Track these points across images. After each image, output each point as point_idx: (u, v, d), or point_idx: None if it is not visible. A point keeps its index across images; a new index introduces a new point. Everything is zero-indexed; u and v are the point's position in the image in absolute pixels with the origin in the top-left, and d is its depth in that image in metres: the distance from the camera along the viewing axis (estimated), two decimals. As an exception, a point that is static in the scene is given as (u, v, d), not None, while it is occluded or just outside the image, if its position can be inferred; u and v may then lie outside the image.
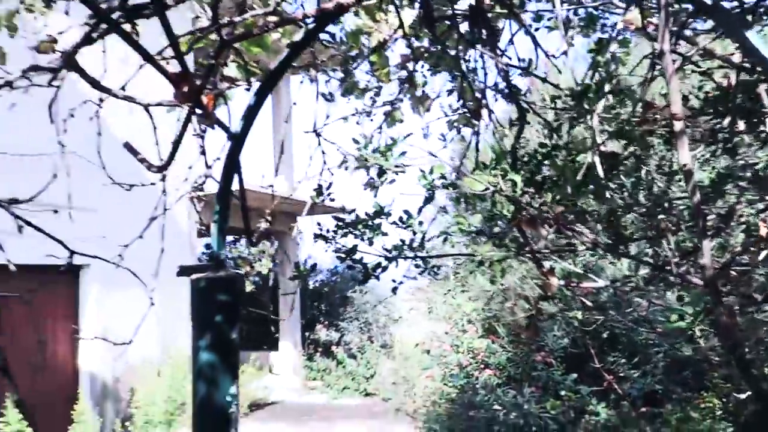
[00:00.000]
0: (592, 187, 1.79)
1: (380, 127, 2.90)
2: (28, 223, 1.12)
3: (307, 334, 12.17)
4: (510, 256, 1.57)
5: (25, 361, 6.91)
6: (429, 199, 1.64)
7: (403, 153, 1.70)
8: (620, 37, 2.55)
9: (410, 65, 2.71)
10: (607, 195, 1.59)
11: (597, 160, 1.51)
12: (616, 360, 5.34)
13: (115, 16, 1.39)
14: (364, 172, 2.78)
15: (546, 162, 1.78)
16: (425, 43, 2.64)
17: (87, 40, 1.29)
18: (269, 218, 2.69)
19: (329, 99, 2.51)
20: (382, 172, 1.66)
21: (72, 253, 1.67)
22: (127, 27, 1.38)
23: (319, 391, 11.06)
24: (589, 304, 2.01)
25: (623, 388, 5.09)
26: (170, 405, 6.18)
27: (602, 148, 1.74)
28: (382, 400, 9.81)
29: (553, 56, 1.85)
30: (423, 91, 2.74)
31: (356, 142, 1.77)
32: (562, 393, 5.62)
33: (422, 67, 2.80)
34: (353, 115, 2.78)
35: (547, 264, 2.14)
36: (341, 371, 11.12)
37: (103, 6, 1.35)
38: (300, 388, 11.19)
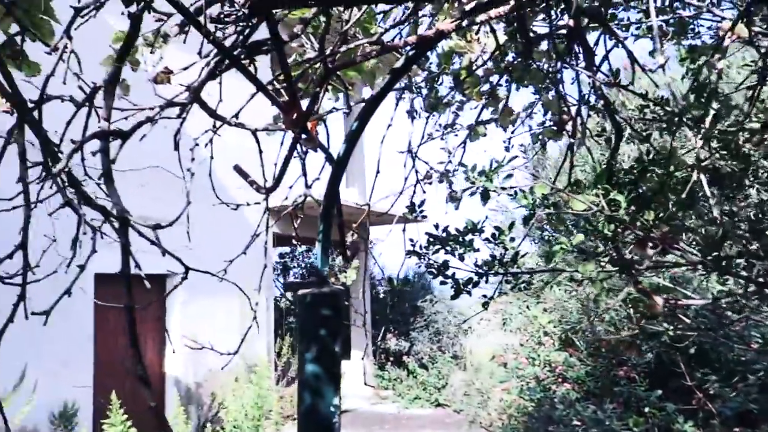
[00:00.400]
0: (691, 203, 1.75)
1: (464, 142, 2.93)
2: (166, 250, 1.23)
3: (377, 343, 12.27)
4: (613, 274, 1.55)
5: (119, 364, 7.36)
6: (529, 219, 1.66)
7: (510, 176, 1.72)
8: (713, 42, 2.47)
9: (494, 79, 2.73)
10: (715, 214, 1.55)
11: (703, 178, 1.48)
12: (705, 377, 5.10)
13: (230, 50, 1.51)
14: (446, 186, 2.82)
15: (641, 179, 1.76)
16: (508, 57, 2.66)
17: (211, 75, 1.40)
18: (356, 231, 2.78)
19: (416, 116, 2.57)
20: (486, 193, 1.69)
21: (187, 269, 1.80)
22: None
23: (391, 400, 11.12)
24: (688, 321, 1.95)
25: (714, 406, 4.85)
26: (256, 411, 6.42)
27: (704, 164, 1.71)
28: (453, 411, 9.75)
29: (650, 70, 1.83)
30: (507, 104, 2.76)
31: (463, 165, 1.82)
32: (646, 410, 5.42)
33: (506, 81, 2.82)
34: (438, 131, 2.83)
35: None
36: (412, 381, 11.14)
37: (224, 42, 1.46)
38: (371, 396, 11.30)
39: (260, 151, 1.94)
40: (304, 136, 1.73)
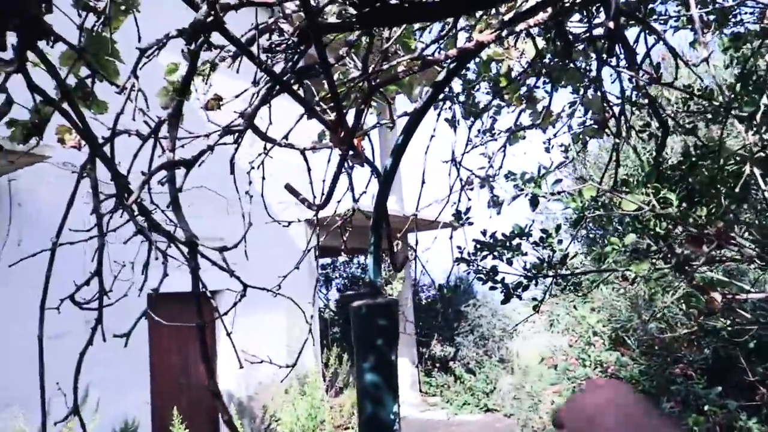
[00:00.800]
0: (745, 196, 1.73)
1: (504, 146, 2.95)
2: (232, 271, 1.30)
3: (422, 349, 12.26)
4: (667, 272, 1.54)
5: (174, 381, 7.56)
6: (579, 221, 1.67)
7: (559, 180, 1.73)
8: (759, 29, 2.43)
9: (531, 81, 2.74)
10: (771, 205, 1.53)
11: (757, 171, 1.47)
12: (767, 371, 4.93)
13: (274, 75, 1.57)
14: (487, 191, 2.84)
15: (691, 174, 1.75)
16: (545, 59, 2.66)
17: (264, 101, 1.46)
18: (401, 240, 2.82)
19: (457, 125, 2.60)
20: (535, 199, 1.70)
21: (245, 286, 1.87)
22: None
23: (440, 406, 11.08)
24: (747, 315, 1.92)
25: (778, 401, 4.69)
26: (310, 422, 6.51)
27: (756, 155, 1.69)
28: (503, 416, 9.66)
29: (694, 64, 1.81)
30: (547, 107, 2.76)
31: (512, 173, 1.84)
32: (706, 408, 5.27)
33: (543, 82, 2.82)
34: (477, 137, 2.86)
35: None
36: (459, 386, 11.07)
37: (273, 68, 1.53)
38: (419, 403, 11.28)
39: (309, 169, 2.01)
40: (351, 152, 1.78)
